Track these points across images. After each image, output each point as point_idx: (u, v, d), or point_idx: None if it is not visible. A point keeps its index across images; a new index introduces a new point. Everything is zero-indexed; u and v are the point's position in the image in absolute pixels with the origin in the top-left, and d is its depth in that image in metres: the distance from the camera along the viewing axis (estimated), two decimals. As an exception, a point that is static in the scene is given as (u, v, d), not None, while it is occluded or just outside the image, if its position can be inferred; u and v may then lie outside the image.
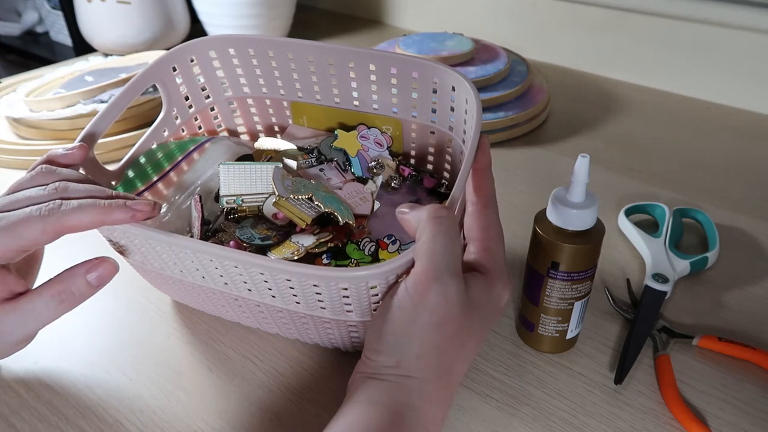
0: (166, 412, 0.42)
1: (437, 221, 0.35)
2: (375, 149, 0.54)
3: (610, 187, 0.66)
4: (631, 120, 0.80)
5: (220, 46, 0.54)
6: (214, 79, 0.57)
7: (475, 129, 0.40)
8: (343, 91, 0.54)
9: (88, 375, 0.45)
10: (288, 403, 0.43)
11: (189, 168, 0.54)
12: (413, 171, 0.54)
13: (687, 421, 0.40)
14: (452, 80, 0.46)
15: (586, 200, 0.40)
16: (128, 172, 0.50)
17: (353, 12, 1.22)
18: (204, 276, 0.40)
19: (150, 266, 0.43)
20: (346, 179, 0.52)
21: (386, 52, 0.50)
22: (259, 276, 0.37)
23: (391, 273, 0.35)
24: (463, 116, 0.46)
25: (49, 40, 1.18)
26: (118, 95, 0.48)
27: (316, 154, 0.54)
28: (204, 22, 1.05)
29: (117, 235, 0.41)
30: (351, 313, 0.38)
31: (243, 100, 0.59)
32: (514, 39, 0.98)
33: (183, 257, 0.39)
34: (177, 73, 0.53)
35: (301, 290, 0.37)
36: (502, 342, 0.47)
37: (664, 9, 0.84)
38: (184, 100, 0.55)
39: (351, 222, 0.46)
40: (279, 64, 0.54)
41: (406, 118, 0.53)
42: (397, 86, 0.51)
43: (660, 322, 0.48)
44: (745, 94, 0.82)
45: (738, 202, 0.63)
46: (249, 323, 0.47)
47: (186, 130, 0.56)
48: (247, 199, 0.48)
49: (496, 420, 0.41)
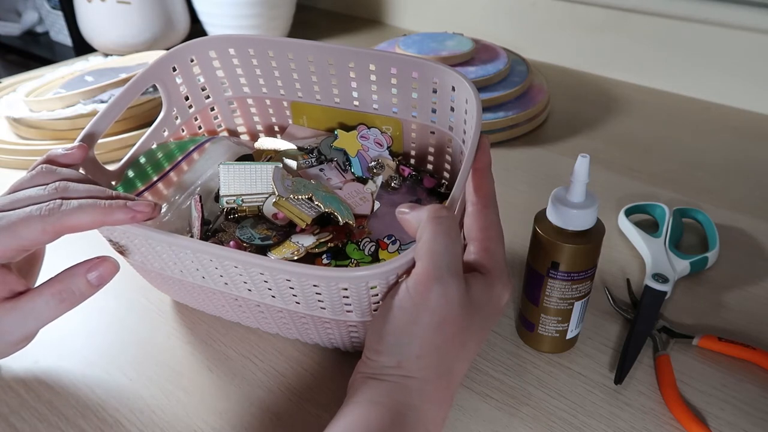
0: (166, 412, 0.42)
1: (438, 222, 0.35)
2: (375, 149, 0.54)
3: (610, 187, 0.66)
4: (631, 120, 0.80)
5: (220, 46, 0.54)
6: (214, 79, 0.57)
7: (475, 129, 0.40)
8: (343, 91, 0.54)
9: (88, 375, 0.45)
10: (288, 403, 0.43)
11: (189, 168, 0.54)
12: (413, 171, 0.54)
13: (687, 421, 0.40)
14: (452, 80, 0.46)
15: (586, 200, 0.40)
16: (128, 172, 0.50)
17: (353, 12, 1.22)
18: (204, 276, 0.40)
19: (150, 266, 0.43)
20: (346, 179, 0.52)
21: (386, 52, 0.50)
22: (259, 276, 0.37)
23: (392, 273, 0.35)
24: (463, 116, 0.46)
25: (49, 40, 1.18)
26: (117, 95, 0.48)
27: (316, 154, 0.54)
28: (204, 22, 1.05)
29: (117, 235, 0.41)
30: (351, 313, 0.38)
31: (243, 100, 0.59)
32: (514, 39, 0.98)
33: (183, 257, 0.39)
34: (177, 73, 0.53)
35: (301, 290, 0.37)
36: (502, 342, 0.47)
37: (664, 9, 0.84)
38: (184, 100, 0.55)
39: (351, 222, 0.46)
40: (279, 64, 0.54)
41: (406, 118, 0.53)
42: (397, 86, 0.51)
43: (660, 322, 0.48)
44: (745, 94, 0.82)
45: (738, 202, 0.63)
46: (249, 323, 0.47)
47: (186, 130, 0.56)
48: (247, 199, 0.48)
49: (496, 420, 0.41)
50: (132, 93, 0.49)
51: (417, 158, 0.56)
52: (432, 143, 0.53)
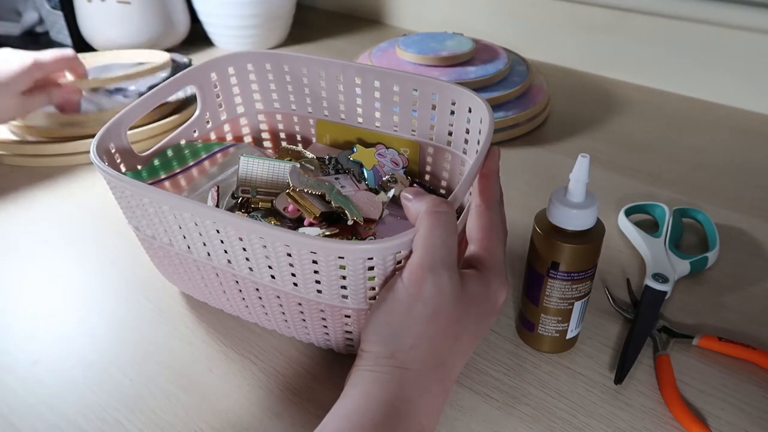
0: (166, 412, 0.42)
1: (436, 215, 0.35)
2: (390, 167, 0.55)
3: (610, 187, 0.66)
4: (631, 120, 0.80)
5: (257, 60, 0.58)
6: (248, 91, 0.60)
7: (486, 139, 0.41)
8: (366, 110, 0.56)
9: (88, 375, 0.45)
10: (288, 403, 0.43)
11: (211, 167, 0.57)
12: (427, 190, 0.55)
13: (687, 421, 0.40)
14: (469, 101, 0.48)
15: (586, 200, 0.40)
16: (154, 161, 0.52)
17: (353, 12, 1.22)
18: (210, 252, 0.41)
19: (160, 241, 0.44)
20: (360, 189, 0.53)
21: (412, 74, 0.52)
22: (261, 250, 0.38)
23: (390, 250, 0.35)
24: (477, 137, 0.47)
25: (49, 40, 1.18)
26: (155, 90, 0.51)
27: (333, 163, 0.56)
28: (204, 21, 1.05)
29: (130, 199, 0.42)
30: (347, 299, 0.38)
31: (272, 114, 0.61)
32: (514, 39, 0.98)
33: (186, 219, 0.40)
34: (215, 80, 0.56)
35: (299, 265, 0.37)
36: (502, 342, 0.47)
37: (664, 9, 0.84)
38: (218, 107, 0.58)
39: (359, 220, 0.47)
40: (310, 81, 0.57)
41: (424, 140, 0.55)
42: (417, 108, 0.53)
43: (660, 322, 0.48)
44: (745, 94, 0.82)
45: (738, 202, 0.63)
46: (248, 317, 0.47)
47: (215, 135, 0.59)
48: (261, 192, 0.50)
49: (495, 420, 0.41)
50: (168, 91, 0.52)
51: (431, 180, 0.57)
52: (446, 167, 0.55)
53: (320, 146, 0.60)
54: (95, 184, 0.67)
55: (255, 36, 1.03)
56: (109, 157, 0.47)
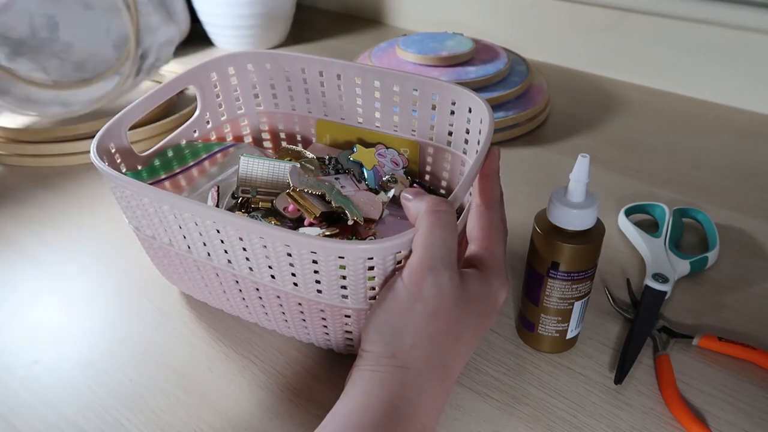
0: (166, 412, 0.42)
1: (436, 215, 0.35)
2: (390, 167, 0.55)
3: (610, 187, 0.66)
4: (631, 120, 0.80)
5: (257, 60, 0.58)
6: (248, 91, 0.59)
7: (486, 139, 0.41)
8: (366, 110, 0.56)
9: (88, 375, 0.45)
10: (288, 403, 0.43)
11: (211, 167, 0.57)
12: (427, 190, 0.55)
13: (687, 421, 0.40)
14: (469, 101, 0.48)
15: (586, 200, 0.40)
16: (154, 161, 0.52)
17: (353, 12, 1.22)
18: (210, 252, 0.41)
19: (161, 241, 0.44)
20: (360, 189, 0.53)
21: (410, 74, 0.52)
22: (261, 250, 0.38)
23: (390, 250, 0.35)
24: (477, 137, 0.47)
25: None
26: (155, 90, 0.51)
27: (333, 163, 0.56)
28: (204, 21, 1.05)
29: (130, 200, 0.42)
30: (347, 299, 0.38)
31: (273, 114, 0.61)
32: (514, 39, 0.98)
33: (187, 219, 0.39)
34: (215, 80, 0.56)
35: (300, 265, 0.37)
36: (502, 342, 0.47)
37: (664, 9, 0.84)
38: (218, 107, 0.58)
39: (359, 220, 0.47)
40: (310, 81, 0.57)
41: (424, 140, 0.55)
42: (417, 108, 0.53)
43: (660, 322, 0.48)
44: (745, 94, 0.82)
45: (738, 202, 0.63)
46: (248, 317, 0.47)
47: (215, 135, 0.58)
48: (261, 192, 0.50)
49: (495, 420, 0.41)
50: (168, 91, 0.52)
51: (431, 180, 0.57)
52: (446, 167, 0.55)
53: (320, 146, 0.60)
54: (95, 184, 0.67)
55: (255, 36, 1.03)
56: (110, 157, 0.47)
